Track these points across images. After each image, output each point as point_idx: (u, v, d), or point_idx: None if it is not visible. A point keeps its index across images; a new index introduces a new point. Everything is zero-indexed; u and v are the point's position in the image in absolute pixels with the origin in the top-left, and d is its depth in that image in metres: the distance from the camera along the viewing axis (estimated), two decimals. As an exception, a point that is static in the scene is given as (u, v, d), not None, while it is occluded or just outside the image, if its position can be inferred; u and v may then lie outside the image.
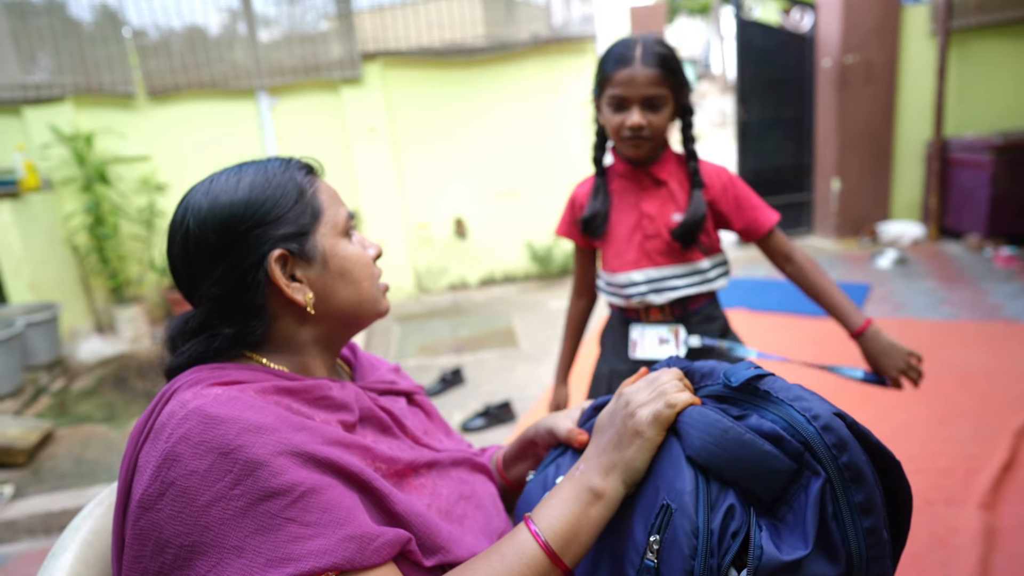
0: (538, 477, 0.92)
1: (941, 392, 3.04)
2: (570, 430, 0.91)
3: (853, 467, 0.61)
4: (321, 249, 0.84)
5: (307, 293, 0.83)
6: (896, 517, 0.67)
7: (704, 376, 0.78)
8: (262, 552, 0.65)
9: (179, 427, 0.68)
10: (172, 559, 0.66)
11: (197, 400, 0.71)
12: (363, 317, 0.89)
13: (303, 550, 0.65)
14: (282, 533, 0.65)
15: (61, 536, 0.85)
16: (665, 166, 1.59)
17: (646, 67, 1.43)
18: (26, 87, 4.85)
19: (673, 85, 1.47)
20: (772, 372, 0.71)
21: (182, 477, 0.66)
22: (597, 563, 0.77)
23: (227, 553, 0.65)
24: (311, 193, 0.85)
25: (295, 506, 0.66)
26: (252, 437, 0.68)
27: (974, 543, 2.00)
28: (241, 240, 0.80)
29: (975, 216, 5.39)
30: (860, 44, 5.64)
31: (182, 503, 0.66)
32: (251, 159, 0.88)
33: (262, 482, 0.66)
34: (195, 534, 0.65)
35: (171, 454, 0.67)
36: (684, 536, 0.64)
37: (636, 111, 1.46)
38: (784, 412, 0.66)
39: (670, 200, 1.57)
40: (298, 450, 0.70)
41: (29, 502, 2.84)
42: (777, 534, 0.63)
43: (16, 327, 3.90)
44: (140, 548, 0.68)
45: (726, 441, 0.66)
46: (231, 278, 0.80)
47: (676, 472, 0.69)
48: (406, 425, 0.91)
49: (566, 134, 5.70)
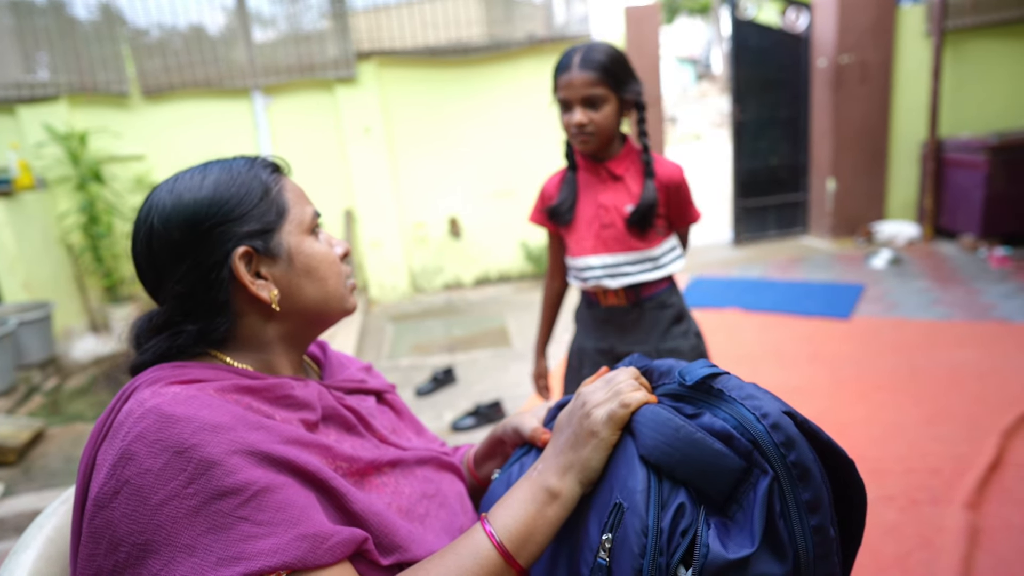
0: (502, 476, 0.92)
1: (933, 392, 3.04)
2: (534, 429, 0.92)
3: (800, 465, 0.61)
4: (286, 246, 0.84)
5: (272, 290, 0.83)
6: (850, 516, 0.67)
7: (662, 375, 0.78)
8: (213, 551, 0.65)
9: (135, 425, 0.69)
10: (125, 557, 0.66)
11: (155, 399, 0.71)
12: (329, 314, 0.89)
13: (254, 549, 0.65)
14: (234, 532, 0.66)
15: (24, 533, 0.86)
16: (622, 162, 1.73)
17: (582, 71, 1.59)
18: (20, 86, 4.85)
19: (612, 85, 1.61)
20: (727, 371, 0.72)
21: (136, 476, 0.66)
22: (555, 562, 0.77)
23: (179, 552, 0.65)
24: (276, 191, 0.85)
25: (247, 505, 0.67)
26: (207, 436, 0.68)
27: (959, 543, 2.00)
28: (205, 237, 0.80)
29: (970, 216, 5.39)
30: (855, 44, 5.63)
31: (136, 502, 0.66)
32: (217, 158, 0.88)
33: (215, 481, 0.66)
34: (148, 532, 0.65)
35: (126, 452, 0.67)
36: (634, 535, 0.64)
37: (577, 111, 1.63)
38: (735, 411, 0.66)
39: (624, 192, 1.71)
40: (253, 449, 0.70)
41: (18, 500, 2.84)
42: (726, 532, 0.63)
43: (9, 326, 3.90)
44: (95, 546, 0.68)
45: (677, 440, 0.66)
46: (195, 275, 0.80)
47: (629, 471, 0.69)
48: (372, 424, 0.91)
49: (561, 133, 5.69)
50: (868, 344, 3.70)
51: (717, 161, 12.25)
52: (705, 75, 23.90)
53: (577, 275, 1.79)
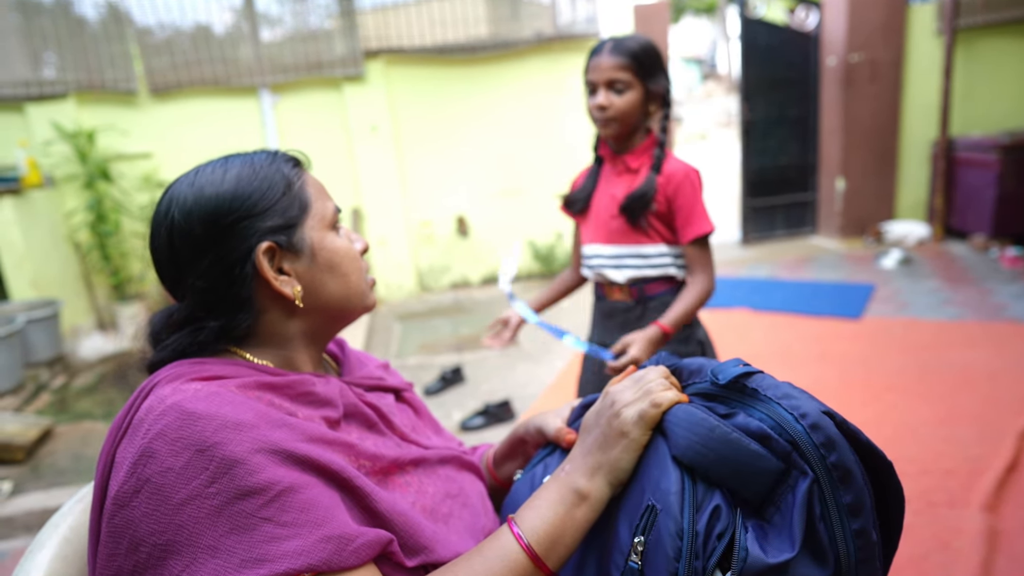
0: (525, 476, 0.90)
1: (944, 393, 3.01)
2: (559, 429, 0.90)
3: (841, 467, 0.60)
4: (309, 242, 0.83)
5: (295, 286, 0.82)
6: (887, 519, 0.65)
7: (692, 373, 0.76)
8: (236, 552, 0.63)
9: (156, 423, 0.67)
10: (146, 557, 0.64)
11: (175, 396, 0.69)
12: (351, 310, 0.88)
13: (279, 551, 0.64)
14: (257, 533, 0.64)
15: (40, 533, 0.84)
16: (640, 156, 1.73)
17: (612, 55, 1.62)
18: (29, 84, 4.85)
19: (639, 73, 1.62)
20: (761, 370, 0.70)
21: (158, 474, 0.65)
22: (583, 564, 0.75)
23: (201, 553, 0.63)
24: (298, 186, 0.84)
25: (271, 505, 0.65)
26: (229, 434, 0.66)
27: (976, 546, 1.98)
28: (228, 232, 0.78)
29: (981, 216, 5.35)
30: (865, 43, 5.60)
31: (157, 501, 0.64)
32: (237, 152, 0.87)
33: (238, 480, 0.65)
34: (169, 533, 0.64)
35: (147, 450, 0.66)
36: (669, 537, 0.62)
37: (601, 93, 1.64)
38: (772, 410, 0.64)
39: (635, 183, 1.72)
40: (276, 448, 0.68)
41: (27, 498, 2.84)
42: (764, 535, 0.61)
43: (17, 324, 3.90)
44: (115, 546, 0.66)
45: (712, 440, 0.65)
46: (217, 271, 0.79)
47: (662, 472, 0.67)
48: (393, 422, 0.90)
49: (569, 133, 5.68)
50: (878, 344, 3.68)
51: (723, 161, 12.22)
52: (711, 75, 23.83)
53: (587, 263, 1.82)
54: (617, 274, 1.75)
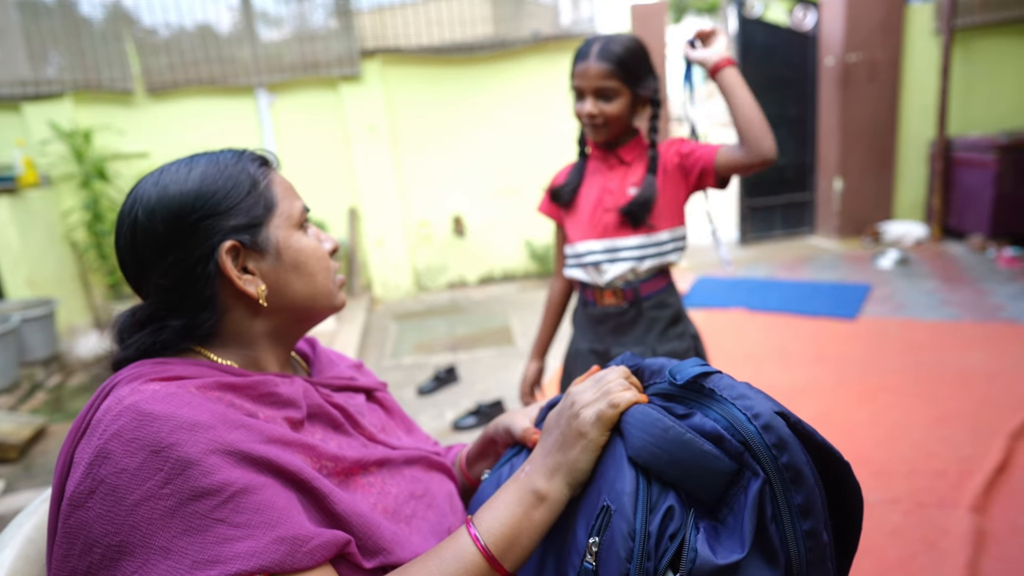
0: (492, 476, 0.90)
1: (940, 393, 3.00)
2: (525, 429, 0.89)
3: (793, 467, 0.59)
4: (274, 241, 0.82)
5: (259, 285, 0.81)
6: (846, 519, 0.65)
7: (653, 374, 0.76)
8: (188, 553, 0.63)
9: (113, 423, 0.67)
10: (99, 558, 0.64)
11: (133, 396, 0.69)
12: (317, 310, 0.87)
13: (231, 552, 0.63)
14: (210, 534, 0.64)
15: (3, 532, 0.84)
16: (632, 150, 1.73)
17: (598, 62, 1.59)
18: (26, 83, 4.86)
19: (625, 79, 1.60)
20: (719, 370, 0.69)
21: (112, 475, 0.64)
22: (542, 565, 0.75)
23: (153, 554, 0.63)
24: (264, 185, 0.84)
25: (225, 506, 0.65)
26: (185, 435, 0.66)
27: (964, 546, 1.97)
28: (191, 231, 0.78)
29: (979, 216, 5.34)
30: (864, 43, 5.59)
31: (111, 502, 0.64)
32: (204, 151, 0.86)
33: (192, 481, 0.64)
34: (123, 534, 0.63)
35: (103, 451, 0.66)
36: (621, 538, 0.62)
37: (589, 101, 1.63)
38: (726, 411, 0.64)
39: (631, 176, 1.70)
40: (232, 449, 0.68)
41: (19, 497, 2.84)
42: (716, 536, 0.61)
43: (12, 322, 3.91)
44: (69, 547, 0.66)
45: (666, 441, 0.64)
46: (180, 269, 0.78)
47: (618, 473, 0.67)
48: (360, 422, 0.89)
49: (566, 132, 5.68)
50: (874, 345, 3.67)
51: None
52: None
53: (577, 261, 1.75)
54: (612, 268, 1.69)
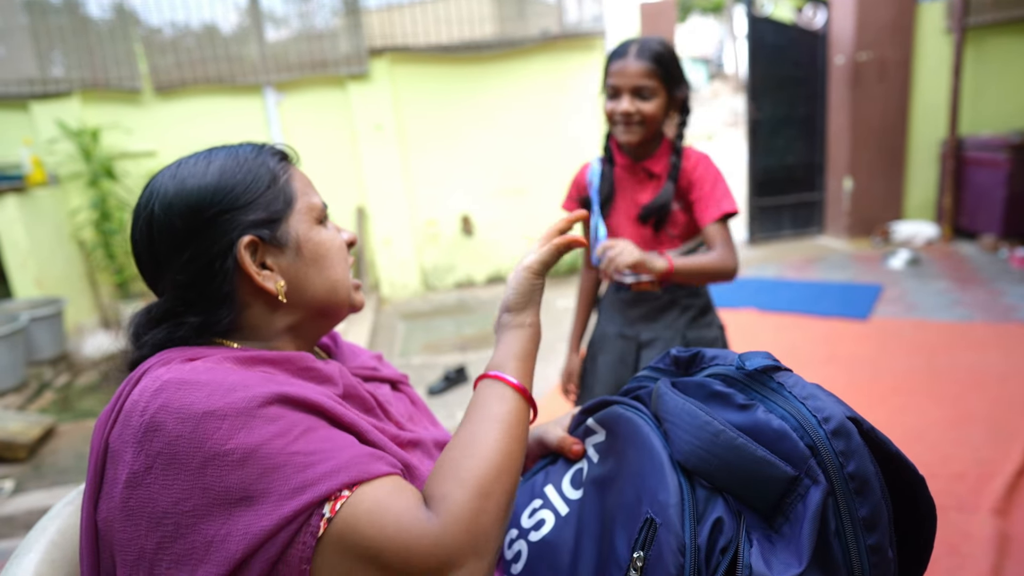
0: (525, 485, 0.88)
1: (954, 395, 2.97)
2: (562, 439, 0.87)
3: (859, 477, 0.57)
4: (294, 235, 0.81)
5: (278, 281, 0.80)
6: (917, 536, 0.62)
7: (714, 358, 0.75)
8: (272, 491, 0.62)
9: (154, 399, 0.66)
10: (172, 530, 0.63)
11: (170, 373, 0.68)
12: (337, 306, 0.86)
13: (314, 475, 0.63)
14: (288, 467, 0.63)
15: (27, 536, 0.82)
16: (659, 161, 1.71)
17: (638, 60, 1.58)
18: (33, 82, 4.85)
19: (665, 79, 1.60)
20: (789, 368, 0.67)
21: (167, 446, 0.63)
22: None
23: (235, 506, 0.62)
24: (284, 179, 0.82)
25: (296, 442, 0.65)
26: (238, 393, 0.66)
27: (986, 550, 1.95)
28: (208, 226, 0.76)
29: (990, 216, 5.30)
30: (874, 41, 5.55)
31: (173, 471, 0.63)
32: (222, 144, 0.85)
33: (257, 430, 0.64)
34: (194, 498, 0.62)
35: (151, 426, 0.64)
36: (670, 553, 0.60)
37: (626, 99, 1.61)
38: (795, 409, 0.62)
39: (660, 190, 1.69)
40: (288, 396, 0.68)
41: (28, 497, 2.83)
42: (771, 548, 0.59)
43: (20, 322, 3.90)
44: (134, 528, 0.64)
45: (717, 446, 0.62)
46: (197, 265, 0.77)
47: (659, 483, 0.64)
48: (389, 410, 0.88)
49: (575, 131, 5.65)
50: (886, 345, 3.64)
51: (729, 161, 12.16)
52: (717, 74, 23.75)
53: None
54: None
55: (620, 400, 0.79)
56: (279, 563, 0.62)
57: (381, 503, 0.63)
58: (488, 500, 0.65)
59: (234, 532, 0.61)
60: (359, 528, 0.62)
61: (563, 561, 0.72)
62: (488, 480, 0.66)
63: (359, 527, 0.62)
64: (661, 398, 0.71)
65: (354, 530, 0.62)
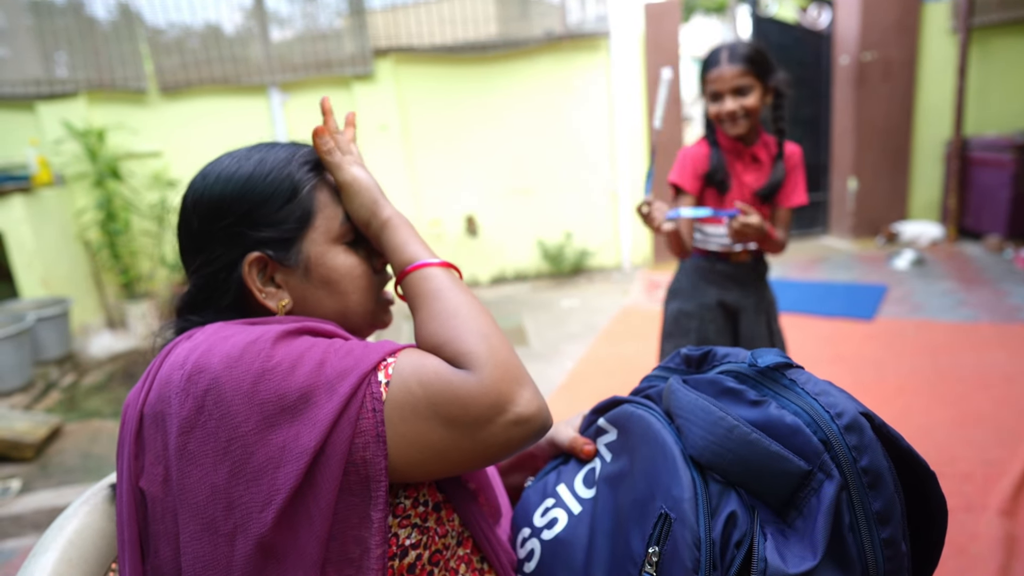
0: (537, 484, 0.88)
1: (959, 395, 2.97)
2: (574, 439, 0.87)
3: (872, 471, 0.57)
4: (305, 256, 0.80)
5: (281, 300, 0.80)
6: (929, 532, 0.63)
7: (726, 355, 0.75)
8: (325, 381, 0.65)
9: (192, 353, 0.68)
10: (241, 453, 0.64)
11: (203, 335, 0.71)
12: (350, 329, 0.84)
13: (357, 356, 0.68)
14: (333, 359, 0.67)
15: (44, 535, 0.83)
16: (761, 149, 1.99)
17: (731, 64, 1.85)
18: (40, 83, 4.86)
19: (758, 74, 1.87)
20: (801, 365, 0.68)
21: (214, 381, 0.65)
22: (588, 572, 0.73)
23: (295, 408, 0.64)
24: (306, 192, 0.81)
25: (333, 345, 0.70)
26: (273, 328, 0.70)
27: (994, 551, 1.94)
28: (220, 236, 0.79)
29: (995, 216, 5.29)
30: (879, 41, 5.55)
31: (228, 399, 0.64)
32: (264, 142, 0.86)
33: (296, 345, 0.68)
34: (255, 416, 0.64)
35: (194, 370, 0.66)
36: (686, 548, 0.60)
37: (728, 100, 1.87)
38: (807, 404, 0.62)
39: (764, 175, 1.99)
40: (315, 328, 0.74)
41: (36, 496, 2.84)
42: (784, 542, 0.59)
43: (26, 322, 3.91)
44: (199, 471, 0.65)
45: (731, 441, 0.62)
46: (210, 270, 0.79)
47: (672, 478, 0.64)
48: None
49: (579, 131, 5.66)
50: (892, 346, 3.64)
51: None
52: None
53: (717, 240, 2.02)
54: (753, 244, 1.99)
55: (631, 399, 0.79)
56: (356, 439, 0.64)
57: (417, 364, 0.68)
58: (492, 338, 0.70)
59: (303, 429, 0.63)
60: (411, 387, 0.66)
61: (577, 559, 0.73)
62: (480, 324, 0.71)
63: (410, 386, 0.66)
64: (674, 394, 0.72)
65: (409, 391, 0.66)
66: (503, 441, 0.65)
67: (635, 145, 5.67)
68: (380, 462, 0.64)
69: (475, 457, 0.67)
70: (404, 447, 0.65)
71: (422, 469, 0.67)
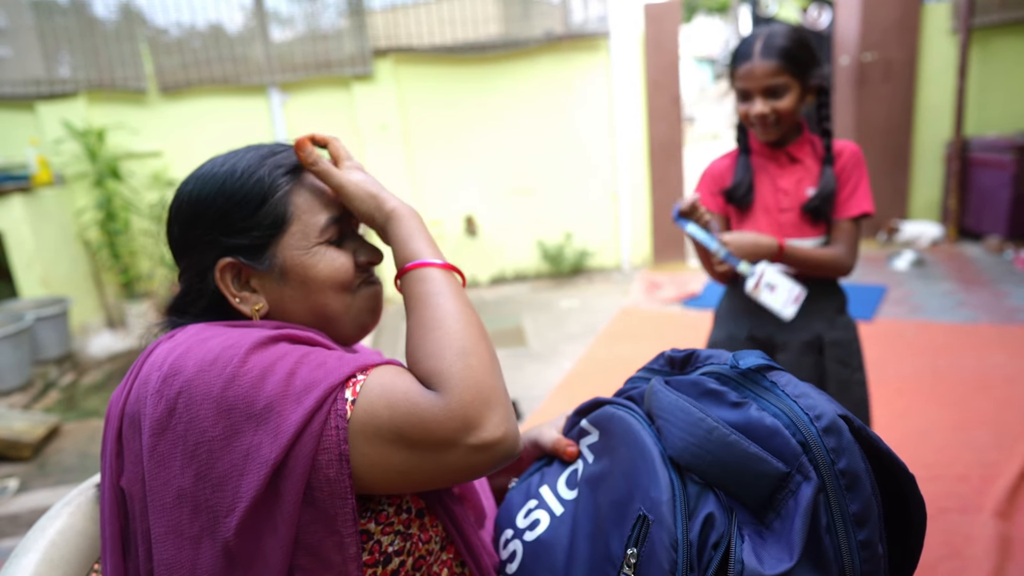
0: (521, 486, 0.88)
1: (958, 397, 2.96)
2: (556, 440, 0.86)
3: (850, 473, 0.57)
4: (280, 260, 0.79)
5: (255, 304, 0.80)
6: (905, 535, 0.63)
7: (709, 357, 0.75)
8: (292, 392, 0.65)
9: (170, 354, 0.69)
10: (206, 457, 0.65)
11: (184, 335, 0.72)
12: (330, 332, 0.83)
13: (328, 369, 0.68)
14: (303, 370, 0.67)
15: (25, 536, 0.83)
16: (802, 146, 1.68)
17: (764, 60, 1.54)
18: (40, 83, 4.87)
19: (795, 72, 1.55)
20: (783, 368, 0.68)
21: (186, 384, 0.66)
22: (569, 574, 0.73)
23: (261, 416, 0.64)
24: (279, 197, 0.79)
25: (306, 356, 0.69)
26: (251, 334, 0.70)
27: (988, 553, 1.94)
28: (196, 242, 0.80)
29: (995, 217, 5.28)
30: (879, 42, 5.54)
31: (197, 403, 0.65)
32: (250, 145, 0.85)
33: (270, 352, 0.68)
34: (222, 420, 0.65)
35: (170, 372, 0.67)
36: (663, 549, 0.60)
37: (758, 101, 1.57)
38: (787, 407, 0.62)
39: (805, 176, 1.66)
40: (293, 335, 0.74)
41: (33, 496, 2.85)
42: (762, 543, 0.59)
43: (26, 321, 3.92)
44: (166, 473, 0.66)
45: (710, 443, 0.62)
46: (190, 275, 0.82)
47: (651, 479, 0.65)
48: None
49: (579, 132, 5.65)
50: (891, 347, 3.63)
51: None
52: (723, 75, 23.73)
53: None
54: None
55: (613, 400, 0.79)
56: (319, 455, 0.64)
57: (387, 384, 0.67)
58: (471, 356, 0.68)
59: (265, 438, 0.63)
60: (376, 409, 0.65)
61: (558, 561, 0.73)
62: (462, 339, 0.70)
63: (376, 408, 0.65)
64: (655, 395, 0.72)
65: (373, 412, 0.65)
66: (465, 465, 0.65)
67: (635, 146, 5.67)
68: (344, 480, 0.64)
69: (438, 479, 0.67)
70: (367, 467, 0.65)
71: (388, 486, 0.68)
